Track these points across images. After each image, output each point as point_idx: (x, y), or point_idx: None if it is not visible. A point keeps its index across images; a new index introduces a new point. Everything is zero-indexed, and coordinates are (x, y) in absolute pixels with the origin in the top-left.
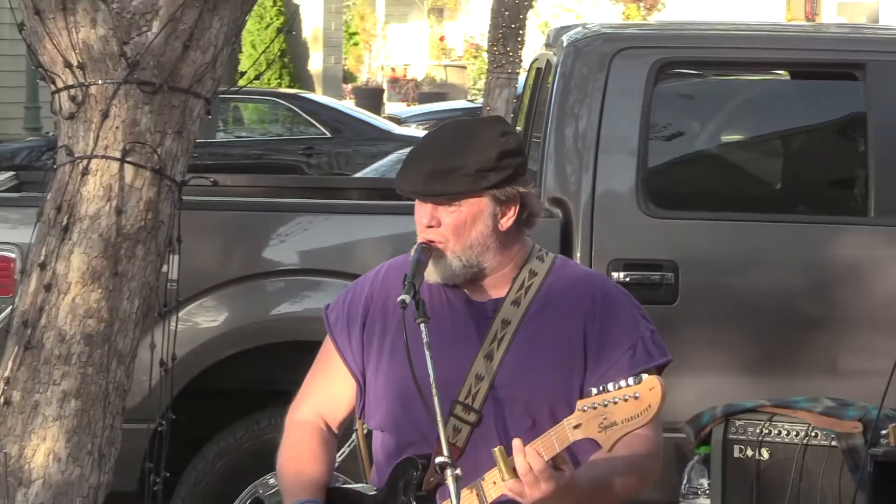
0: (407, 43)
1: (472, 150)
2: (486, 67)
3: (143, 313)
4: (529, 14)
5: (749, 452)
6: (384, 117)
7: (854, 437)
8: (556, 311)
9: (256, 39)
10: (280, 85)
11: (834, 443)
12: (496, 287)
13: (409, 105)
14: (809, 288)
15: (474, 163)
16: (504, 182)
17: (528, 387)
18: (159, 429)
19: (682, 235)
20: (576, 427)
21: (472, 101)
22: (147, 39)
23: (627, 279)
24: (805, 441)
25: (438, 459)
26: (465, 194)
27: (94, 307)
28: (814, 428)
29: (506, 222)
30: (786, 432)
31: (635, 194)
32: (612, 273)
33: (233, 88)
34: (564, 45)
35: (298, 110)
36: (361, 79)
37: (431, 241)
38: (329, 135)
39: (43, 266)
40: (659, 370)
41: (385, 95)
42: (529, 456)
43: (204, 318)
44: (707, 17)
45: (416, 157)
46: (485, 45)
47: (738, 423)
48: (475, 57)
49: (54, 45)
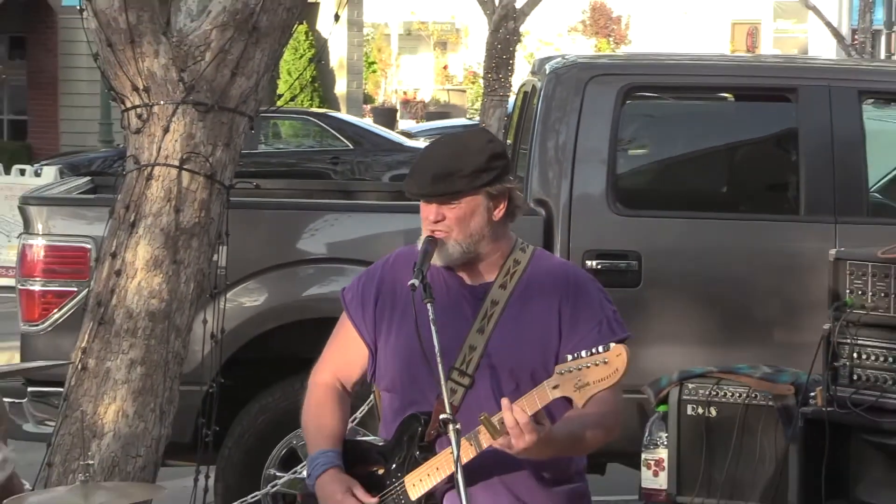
0: (416, 71)
1: (466, 155)
2: (482, 91)
3: (197, 294)
4: (518, 47)
5: (700, 410)
6: (397, 132)
7: (787, 398)
8: (536, 293)
9: (291, 67)
10: (311, 105)
11: (770, 403)
12: (486, 273)
13: (418, 122)
14: (750, 274)
15: (470, 166)
16: (495, 180)
17: (513, 355)
18: (210, 390)
19: (645, 230)
20: (554, 387)
21: (470, 119)
22: (201, 67)
23: (599, 266)
24: (746, 401)
25: (442, 416)
26: (464, 192)
27: (157, 289)
28: (754, 390)
29: (498, 213)
30: (730, 394)
31: (605, 196)
32: (586, 261)
33: (272, 108)
34: (547, 72)
35: (326, 126)
36: (378, 100)
37: (437, 233)
38: (352, 147)
39: (114, 255)
40: (619, 343)
41: (398, 114)
42: (516, 412)
43: (247, 299)
44: (665, 50)
45: (420, 165)
46: (481, 72)
47: (690, 386)
48: (473, 82)
49: (124, 72)
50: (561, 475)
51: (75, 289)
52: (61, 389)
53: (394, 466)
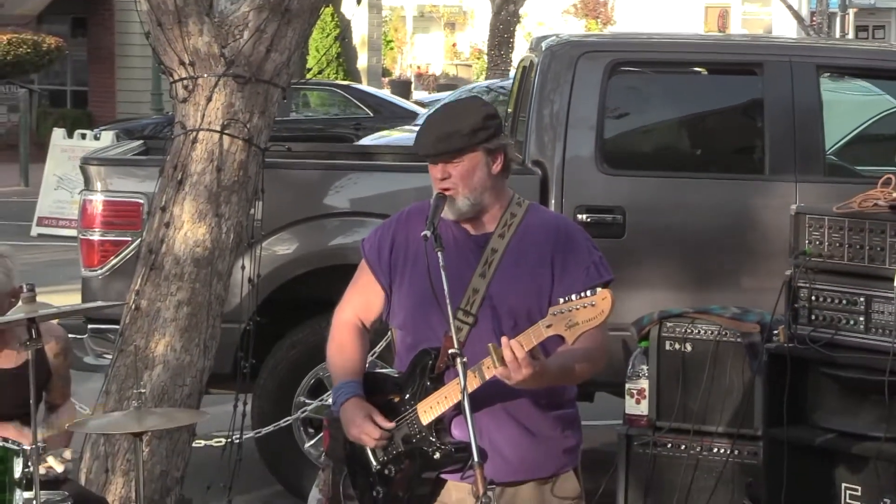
0: (428, 48)
1: (463, 117)
2: (486, 66)
3: (236, 243)
4: (517, 28)
5: (677, 346)
6: (412, 102)
7: (754, 335)
8: (531, 241)
9: (319, 45)
10: (336, 78)
11: (739, 339)
12: (488, 224)
13: (430, 93)
14: (721, 226)
15: (467, 126)
16: (491, 137)
17: (511, 297)
18: (247, 328)
19: (629, 188)
20: (548, 326)
21: (474, 95)
22: (240, 44)
23: (588, 220)
24: (718, 338)
25: (450, 351)
26: (465, 150)
27: (201, 239)
28: (724, 328)
29: (496, 167)
30: (704, 331)
31: (594, 158)
32: (577, 215)
33: (302, 80)
34: (543, 49)
35: (349, 96)
36: (395, 74)
37: (446, 190)
38: (372, 114)
39: (163, 209)
40: (605, 285)
41: (412, 86)
42: (514, 348)
43: (280, 247)
44: (647, 30)
45: (424, 129)
46: (485, 49)
47: (669, 324)
48: (478, 58)
49: (172, 48)
50: (555, 402)
51: (129, 238)
52: (117, 326)
53: (407, 395)
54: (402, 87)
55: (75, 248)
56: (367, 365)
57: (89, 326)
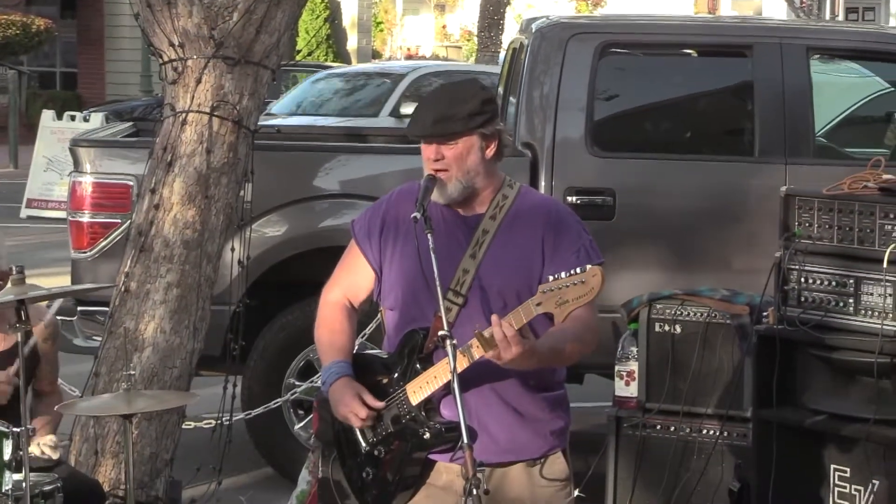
0: (418, 29)
1: (461, 101)
2: (476, 48)
3: (225, 225)
4: (508, 9)
5: (666, 328)
6: None
7: (743, 317)
8: (522, 224)
9: (309, 26)
10: (326, 59)
11: (728, 321)
12: (479, 206)
13: None
14: (711, 208)
15: (465, 110)
16: (487, 122)
17: (501, 277)
18: (237, 310)
19: (619, 170)
20: (538, 304)
21: (472, 78)
22: (229, 26)
23: (578, 202)
24: (707, 320)
25: (440, 332)
26: (462, 133)
27: (190, 221)
28: (714, 311)
29: (490, 152)
30: (693, 313)
31: (584, 140)
32: (567, 197)
33: (291, 62)
34: (533, 31)
35: None
36: (385, 55)
37: (438, 171)
38: None
39: (153, 191)
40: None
41: None
42: (504, 327)
43: (270, 229)
44: (637, 11)
45: (421, 110)
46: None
47: (658, 306)
48: (468, 40)
49: (161, 30)
50: (544, 383)
51: (119, 220)
52: (107, 308)
53: (396, 376)
54: None
55: (65, 230)
56: (356, 346)
57: (79, 308)
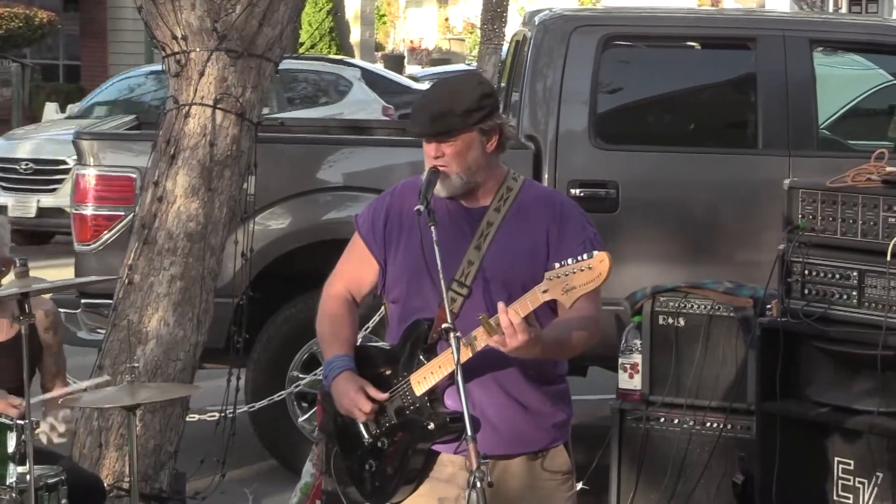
0: (421, 22)
1: (458, 97)
2: (479, 40)
3: (229, 218)
4: (511, 1)
5: (670, 321)
6: (405, 76)
7: (747, 310)
8: (526, 216)
9: (312, 19)
10: (329, 52)
11: (732, 314)
12: (483, 198)
13: (423, 67)
14: (714, 201)
15: (461, 106)
16: (486, 117)
17: (505, 269)
18: (241, 302)
19: (622, 162)
20: (544, 291)
21: (468, 65)
22: (232, 19)
23: (581, 194)
24: (711, 313)
25: (444, 325)
26: (459, 130)
27: (194, 213)
28: (717, 303)
29: (490, 146)
30: (697, 306)
31: (587, 132)
32: (570, 190)
33: (294, 55)
34: (536, 23)
35: None
36: (388, 48)
37: (440, 168)
38: None
39: (156, 184)
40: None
41: (405, 60)
42: (510, 314)
43: (274, 222)
44: (640, 4)
45: (418, 108)
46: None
47: (662, 299)
48: (471, 33)
49: (164, 22)
50: (546, 376)
51: (122, 213)
52: (110, 301)
53: (400, 367)
54: (395, 62)
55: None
56: (358, 339)
57: (83, 301)
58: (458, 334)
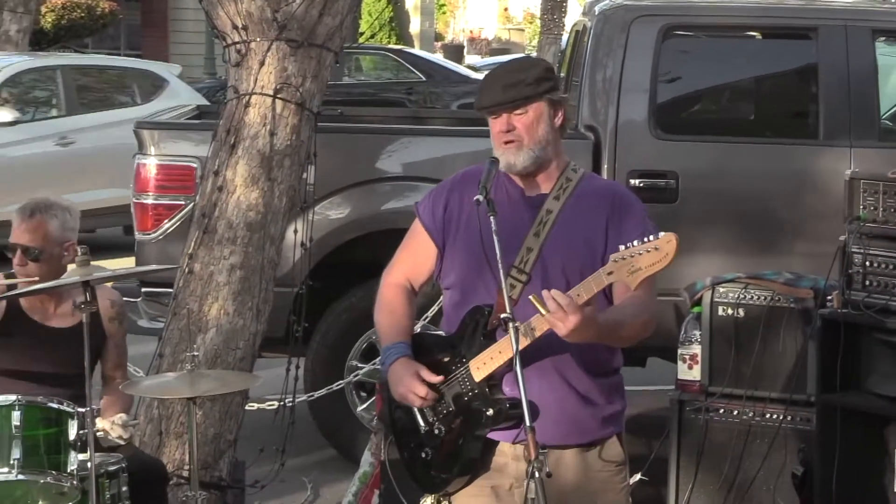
0: (481, 12)
1: (525, 69)
2: (539, 30)
3: (288, 207)
4: None
5: (730, 311)
6: (464, 66)
7: (807, 301)
8: (586, 205)
9: (372, 8)
10: (389, 42)
11: (792, 305)
12: (542, 186)
13: (482, 57)
14: (775, 191)
15: (531, 76)
16: (554, 88)
17: (564, 256)
18: (300, 291)
19: (682, 153)
20: (609, 273)
21: (528, 55)
22: (293, 8)
23: (641, 185)
24: (771, 304)
25: (503, 315)
26: (531, 98)
27: (254, 203)
28: (777, 294)
29: (559, 120)
30: (757, 297)
31: (647, 122)
32: (630, 180)
33: (354, 45)
34: (596, 13)
35: (402, 60)
36: (448, 38)
37: (510, 143)
38: (424, 79)
39: (217, 173)
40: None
41: (465, 50)
42: (556, 295)
43: (333, 211)
44: None
45: (488, 82)
46: (538, 13)
47: (721, 289)
48: (531, 23)
49: (225, 12)
50: (603, 368)
51: (183, 202)
52: (171, 290)
53: (459, 353)
54: (455, 52)
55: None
56: (417, 328)
57: (143, 290)
58: (516, 324)
